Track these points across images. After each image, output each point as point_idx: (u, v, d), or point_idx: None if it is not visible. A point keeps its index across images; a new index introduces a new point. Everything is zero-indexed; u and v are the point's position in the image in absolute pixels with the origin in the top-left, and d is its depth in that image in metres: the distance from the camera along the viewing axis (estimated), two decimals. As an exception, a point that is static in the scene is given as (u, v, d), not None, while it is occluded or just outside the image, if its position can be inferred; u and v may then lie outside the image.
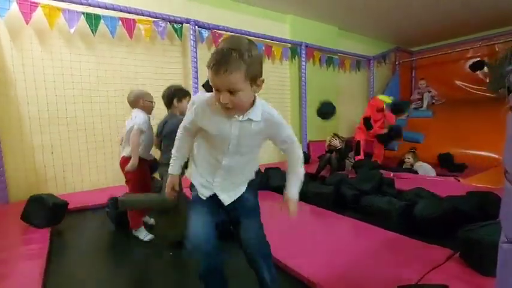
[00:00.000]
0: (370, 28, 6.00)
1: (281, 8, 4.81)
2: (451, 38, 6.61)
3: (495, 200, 2.10)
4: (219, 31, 4.11)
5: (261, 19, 4.73)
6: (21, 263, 1.68)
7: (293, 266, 1.59)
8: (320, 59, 5.44)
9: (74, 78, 3.22)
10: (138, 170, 2.05)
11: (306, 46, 5.09)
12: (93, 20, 3.14)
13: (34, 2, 2.85)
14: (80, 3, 3.02)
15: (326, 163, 3.94)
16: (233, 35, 0.86)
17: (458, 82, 6.69)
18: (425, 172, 4.01)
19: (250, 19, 4.58)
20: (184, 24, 3.79)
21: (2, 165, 2.83)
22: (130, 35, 3.41)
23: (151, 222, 2.40)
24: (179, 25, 3.76)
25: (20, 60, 2.95)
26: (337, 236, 2.03)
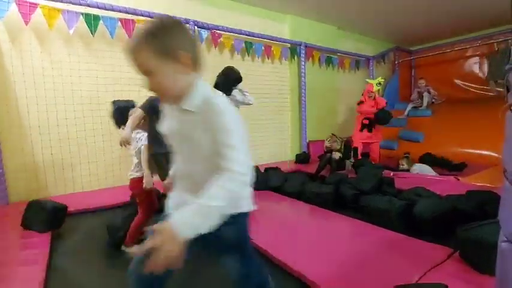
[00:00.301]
0: (369, 28, 6.00)
1: (281, 8, 4.81)
2: (450, 37, 6.62)
3: (495, 199, 2.10)
4: (219, 31, 4.11)
5: (261, 19, 4.73)
6: (21, 266, 1.67)
7: (293, 265, 1.59)
8: (319, 59, 5.44)
9: (73, 79, 3.22)
10: (149, 189, 1.94)
11: (306, 46, 5.09)
12: (92, 21, 3.14)
13: (33, 3, 2.85)
14: (79, 3, 3.02)
15: (326, 163, 3.94)
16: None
17: (457, 81, 6.70)
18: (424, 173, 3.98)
19: (249, 19, 4.58)
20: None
21: (2, 166, 2.83)
22: (129, 36, 3.41)
23: None
24: (178, 25, 3.76)
25: (20, 61, 2.95)
26: (337, 236, 2.03)
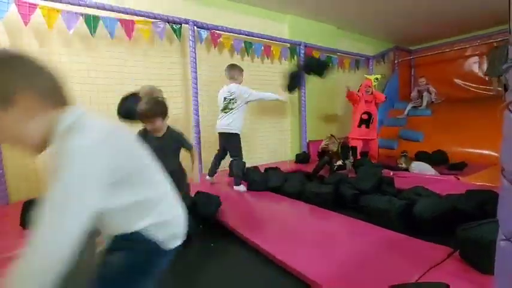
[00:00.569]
0: (369, 28, 6.00)
1: (280, 8, 4.80)
2: (450, 37, 6.61)
3: (495, 198, 2.09)
4: (218, 31, 4.11)
5: (260, 19, 4.73)
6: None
7: (292, 265, 1.59)
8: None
9: (73, 79, 3.20)
10: None
11: (305, 46, 5.09)
12: (91, 21, 3.14)
13: (33, 4, 2.85)
14: (79, 4, 3.02)
15: (324, 164, 3.94)
16: None
17: (457, 80, 6.70)
18: (423, 171, 3.99)
19: (249, 19, 4.58)
20: (183, 24, 3.79)
21: (2, 166, 2.83)
22: (129, 36, 3.41)
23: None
24: (178, 26, 3.76)
25: (19, 61, 2.95)
26: (337, 235, 2.03)
